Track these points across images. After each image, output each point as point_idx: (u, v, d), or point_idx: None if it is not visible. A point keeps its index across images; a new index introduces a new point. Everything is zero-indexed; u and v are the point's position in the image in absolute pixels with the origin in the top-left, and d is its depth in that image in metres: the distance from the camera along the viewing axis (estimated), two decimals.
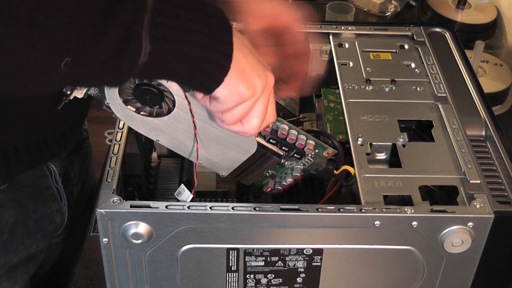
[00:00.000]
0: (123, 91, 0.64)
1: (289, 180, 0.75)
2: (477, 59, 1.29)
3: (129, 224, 0.67)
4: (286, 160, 0.75)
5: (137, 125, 0.67)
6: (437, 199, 0.76)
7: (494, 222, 0.69)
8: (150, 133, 0.68)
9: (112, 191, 0.68)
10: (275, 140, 0.71)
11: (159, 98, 0.64)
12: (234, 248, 0.70)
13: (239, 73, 0.57)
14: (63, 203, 0.86)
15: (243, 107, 0.59)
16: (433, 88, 0.87)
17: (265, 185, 0.77)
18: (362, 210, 0.68)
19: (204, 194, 0.84)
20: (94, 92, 0.65)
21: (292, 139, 0.72)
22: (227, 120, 0.61)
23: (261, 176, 0.76)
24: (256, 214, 0.68)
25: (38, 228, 0.83)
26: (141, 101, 0.64)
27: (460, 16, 1.50)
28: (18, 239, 0.81)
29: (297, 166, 0.75)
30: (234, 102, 0.58)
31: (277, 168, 0.75)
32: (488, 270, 0.74)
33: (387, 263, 0.73)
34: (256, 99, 0.59)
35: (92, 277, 0.94)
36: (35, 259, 0.87)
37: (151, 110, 0.66)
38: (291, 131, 0.72)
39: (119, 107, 0.65)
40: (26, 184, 0.81)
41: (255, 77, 0.58)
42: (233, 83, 0.57)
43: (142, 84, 0.62)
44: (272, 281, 0.73)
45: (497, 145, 0.80)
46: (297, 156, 0.74)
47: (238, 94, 0.58)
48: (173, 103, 0.64)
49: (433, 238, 0.69)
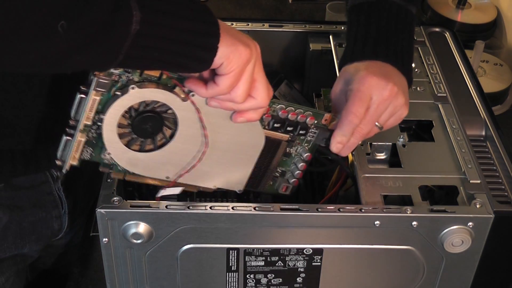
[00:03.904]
0: (122, 134, 0.63)
1: (301, 165, 0.74)
2: (477, 59, 1.29)
3: (129, 224, 0.67)
4: (290, 148, 0.73)
5: (143, 169, 0.66)
6: (437, 199, 0.76)
7: (494, 222, 0.69)
8: (159, 173, 0.67)
9: (112, 191, 0.68)
10: (278, 123, 0.70)
11: (159, 121, 0.64)
12: (234, 248, 0.70)
13: (229, 35, 0.58)
14: (64, 210, 0.86)
15: (247, 74, 0.60)
16: (433, 88, 0.87)
17: (279, 187, 0.77)
18: (362, 210, 0.68)
19: (204, 194, 0.84)
20: (88, 154, 0.64)
21: (294, 115, 0.70)
22: (237, 96, 0.61)
23: (273, 177, 0.75)
24: (256, 214, 0.68)
25: (33, 231, 0.83)
26: (143, 133, 0.64)
27: (460, 16, 1.50)
28: (10, 239, 0.81)
29: (303, 147, 0.74)
30: (238, 64, 0.59)
31: (284, 161, 0.75)
32: (488, 270, 0.74)
33: (387, 263, 0.73)
34: (255, 60, 0.61)
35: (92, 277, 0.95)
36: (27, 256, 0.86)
37: (155, 142, 0.65)
38: (290, 107, 0.70)
39: (121, 153, 0.64)
40: (25, 186, 0.80)
41: (245, 38, 0.60)
42: (229, 43, 0.58)
43: (139, 114, 0.62)
44: (272, 281, 0.73)
45: (497, 145, 0.81)
46: (302, 132, 0.72)
47: (238, 53, 0.58)
48: (175, 122, 0.64)
49: (433, 238, 0.69)
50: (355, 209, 0.68)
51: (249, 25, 0.98)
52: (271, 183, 0.76)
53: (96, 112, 0.62)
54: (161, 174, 0.68)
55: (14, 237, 0.81)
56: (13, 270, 0.84)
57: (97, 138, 0.64)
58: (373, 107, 0.69)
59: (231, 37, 0.58)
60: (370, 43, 0.74)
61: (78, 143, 0.63)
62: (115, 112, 0.62)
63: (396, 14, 0.77)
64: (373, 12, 0.77)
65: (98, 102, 0.61)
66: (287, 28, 1.00)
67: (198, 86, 0.62)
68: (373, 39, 0.75)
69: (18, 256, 0.84)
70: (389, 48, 0.74)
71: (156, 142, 0.66)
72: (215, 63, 0.58)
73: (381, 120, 0.71)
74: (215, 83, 0.60)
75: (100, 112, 0.62)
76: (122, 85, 0.61)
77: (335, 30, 0.98)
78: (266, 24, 0.99)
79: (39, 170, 0.81)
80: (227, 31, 0.58)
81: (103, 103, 0.61)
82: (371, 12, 0.77)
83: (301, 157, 0.74)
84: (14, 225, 0.81)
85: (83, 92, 0.61)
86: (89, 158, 0.65)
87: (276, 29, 0.99)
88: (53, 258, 0.99)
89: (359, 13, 0.77)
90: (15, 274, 0.84)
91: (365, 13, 0.77)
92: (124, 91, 0.61)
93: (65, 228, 0.88)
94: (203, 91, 0.62)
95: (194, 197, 0.81)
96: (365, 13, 0.77)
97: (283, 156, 0.74)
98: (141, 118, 0.63)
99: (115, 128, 0.63)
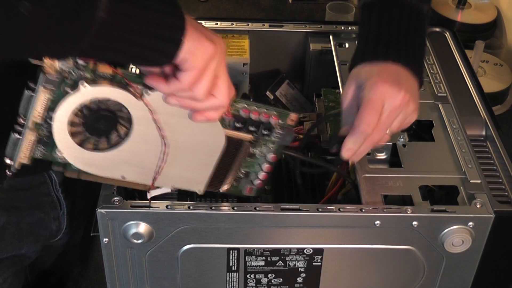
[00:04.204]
0: (75, 133, 0.61)
1: (265, 166, 0.72)
2: (477, 59, 1.29)
3: (129, 224, 0.67)
4: (254, 148, 0.71)
5: (97, 169, 0.64)
6: (438, 199, 0.76)
7: (495, 222, 0.69)
8: (114, 172, 0.65)
9: (113, 191, 0.68)
10: (239, 122, 0.68)
11: (114, 119, 0.62)
12: (234, 248, 0.70)
13: (196, 30, 0.57)
14: (62, 211, 0.86)
15: (210, 71, 0.59)
16: (433, 88, 0.87)
17: (243, 189, 0.74)
18: (362, 210, 0.68)
19: (204, 194, 0.84)
20: (40, 152, 0.62)
21: (256, 114, 0.68)
22: (199, 93, 0.59)
23: (237, 178, 0.73)
24: (256, 214, 0.68)
25: (31, 231, 0.83)
26: (96, 132, 0.62)
27: (460, 16, 1.50)
28: (7, 239, 0.80)
29: (268, 148, 0.71)
30: (202, 60, 0.58)
31: (248, 162, 0.72)
32: (488, 270, 0.74)
33: (387, 263, 0.73)
34: (219, 57, 0.59)
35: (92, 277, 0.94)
36: (25, 257, 0.86)
37: (109, 141, 0.63)
38: (252, 107, 0.68)
39: (74, 152, 0.62)
40: (23, 188, 0.80)
41: (211, 34, 0.59)
42: (194, 38, 0.57)
43: (92, 112, 0.61)
44: (273, 281, 0.73)
45: (497, 145, 0.81)
46: (266, 132, 0.69)
47: (202, 48, 0.57)
48: (130, 121, 0.62)
49: (433, 238, 0.70)
50: (355, 209, 0.68)
51: (249, 25, 0.98)
52: (236, 184, 0.73)
53: (47, 109, 0.60)
54: (117, 174, 0.65)
55: (12, 238, 0.81)
56: (11, 271, 0.84)
57: (48, 137, 0.61)
58: (385, 115, 0.69)
59: (197, 32, 0.57)
60: (381, 43, 0.74)
61: (28, 141, 0.61)
62: (66, 110, 0.60)
63: (409, 14, 0.76)
64: (385, 11, 0.76)
65: (48, 99, 0.59)
66: (287, 28, 1.00)
67: (159, 82, 0.60)
68: (385, 39, 0.74)
69: (16, 257, 0.84)
70: (401, 49, 0.73)
71: (111, 141, 0.63)
72: (179, 57, 0.57)
73: (392, 127, 0.71)
74: (176, 78, 0.59)
75: (51, 110, 0.60)
76: (73, 82, 0.59)
77: (335, 30, 0.98)
78: (266, 24, 0.99)
79: (37, 171, 0.81)
80: (194, 26, 0.57)
81: (54, 100, 0.59)
82: (383, 11, 0.76)
83: (265, 158, 0.72)
84: (12, 226, 0.80)
85: (31, 88, 0.59)
86: (41, 156, 0.63)
87: (276, 29, 0.99)
88: (53, 258, 0.99)
89: (371, 12, 0.77)
90: (13, 275, 0.84)
91: (377, 12, 0.76)
92: (75, 89, 0.59)
93: (63, 229, 0.88)
94: (164, 87, 0.60)
95: (194, 197, 0.81)
96: (377, 12, 0.76)
97: (248, 157, 0.71)
98: (94, 117, 0.61)
99: (67, 126, 0.61)
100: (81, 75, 0.59)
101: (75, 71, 0.59)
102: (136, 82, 0.61)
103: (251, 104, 0.68)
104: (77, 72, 0.59)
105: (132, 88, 0.61)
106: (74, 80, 0.59)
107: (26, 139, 0.61)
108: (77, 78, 0.59)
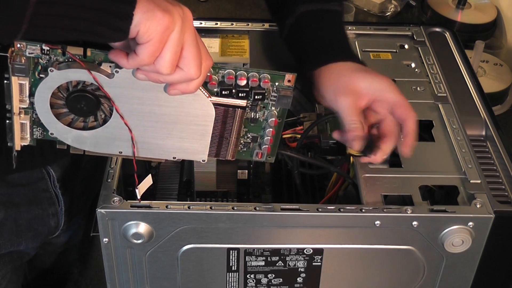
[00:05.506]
0: (60, 114, 0.62)
1: (269, 130, 0.70)
2: (477, 59, 1.30)
3: (129, 224, 0.67)
4: (254, 112, 0.69)
5: (91, 146, 0.65)
6: (437, 199, 0.76)
7: (494, 222, 0.69)
8: (110, 149, 0.66)
9: (113, 191, 0.68)
10: (226, 90, 0.66)
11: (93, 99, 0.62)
12: (234, 248, 0.70)
13: (147, 2, 0.55)
14: (60, 208, 0.86)
15: (171, 42, 0.57)
16: (433, 88, 0.87)
17: (253, 154, 0.72)
18: (362, 210, 0.68)
19: (204, 194, 0.84)
20: (39, 133, 0.64)
21: (243, 79, 0.65)
22: (162, 66, 0.58)
23: (241, 143, 0.71)
24: (256, 214, 0.68)
25: (29, 228, 0.83)
26: (80, 112, 0.63)
27: (460, 16, 1.50)
28: (5, 235, 0.81)
29: (270, 112, 0.69)
30: (156, 31, 0.55)
31: (251, 126, 0.70)
32: (488, 270, 0.74)
33: (387, 263, 0.73)
34: (179, 29, 0.57)
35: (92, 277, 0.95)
36: (23, 253, 0.86)
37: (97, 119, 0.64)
38: (239, 72, 0.65)
39: (64, 132, 0.63)
40: (20, 183, 0.80)
41: (166, 4, 0.57)
42: (145, 10, 0.55)
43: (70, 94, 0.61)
44: (273, 281, 0.73)
45: (497, 145, 0.81)
46: (258, 97, 0.67)
47: (156, 19, 0.55)
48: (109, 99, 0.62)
49: (433, 238, 0.70)
50: (355, 209, 0.68)
51: (249, 25, 0.98)
52: (245, 149, 0.72)
53: (30, 95, 0.61)
54: (114, 150, 0.66)
55: (10, 234, 0.81)
56: (9, 267, 0.84)
57: (39, 119, 0.63)
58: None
59: (148, 3, 0.55)
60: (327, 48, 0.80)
61: (18, 125, 0.63)
62: (42, 95, 0.61)
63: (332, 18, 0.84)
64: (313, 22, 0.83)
65: (26, 85, 0.61)
66: None
67: (120, 57, 0.59)
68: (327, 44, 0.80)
69: (15, 253, 0.84)
70: (345, 48, 0.81)
71: (98, 119, 0.64)
72: (132, 31, 0.55)
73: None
74: (135, 53, 0.57)
75: (32, 95, 0.61)
76: (45, 67, 0.60)
77: None
78: (266, 24, 0.99)
79: (34, 167, 0.80)
80: None
81: (34, 85, 0.61)
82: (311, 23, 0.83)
83: (267, 122, 0.70)
84: (10, 222, 0.80)
85: (6, 78, 0.60)
86: (41, 137, 0.64)
87: (276, 29, 0.99)
88: (52, 257, 0.99)
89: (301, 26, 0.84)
90: (11, 271, 0.84)
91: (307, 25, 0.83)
92: (46, 74, 0.60)
93: (62, 226, 0.88)
94: (124, 62, 0.59)
95: (194, 197, 0.81)
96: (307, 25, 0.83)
97: (250, 122, 0.70)
98: (73, 98, 0.61)
99: (49, 109, 0.62)
100: (52, 59, 0.60)
101: (43, 57, 0.60)
102: (108, 61, 0.61)
103: (238, 69, 0.66)
104: (46, 58, 0.60)
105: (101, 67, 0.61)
106: (43, 65, 0.60)
107: (16, 123, 0.63)
108: (50, 62, 0.60)
